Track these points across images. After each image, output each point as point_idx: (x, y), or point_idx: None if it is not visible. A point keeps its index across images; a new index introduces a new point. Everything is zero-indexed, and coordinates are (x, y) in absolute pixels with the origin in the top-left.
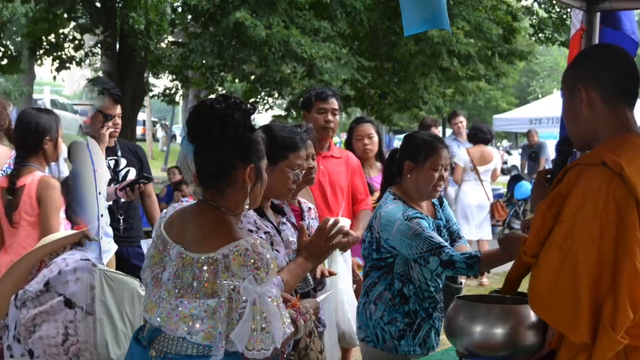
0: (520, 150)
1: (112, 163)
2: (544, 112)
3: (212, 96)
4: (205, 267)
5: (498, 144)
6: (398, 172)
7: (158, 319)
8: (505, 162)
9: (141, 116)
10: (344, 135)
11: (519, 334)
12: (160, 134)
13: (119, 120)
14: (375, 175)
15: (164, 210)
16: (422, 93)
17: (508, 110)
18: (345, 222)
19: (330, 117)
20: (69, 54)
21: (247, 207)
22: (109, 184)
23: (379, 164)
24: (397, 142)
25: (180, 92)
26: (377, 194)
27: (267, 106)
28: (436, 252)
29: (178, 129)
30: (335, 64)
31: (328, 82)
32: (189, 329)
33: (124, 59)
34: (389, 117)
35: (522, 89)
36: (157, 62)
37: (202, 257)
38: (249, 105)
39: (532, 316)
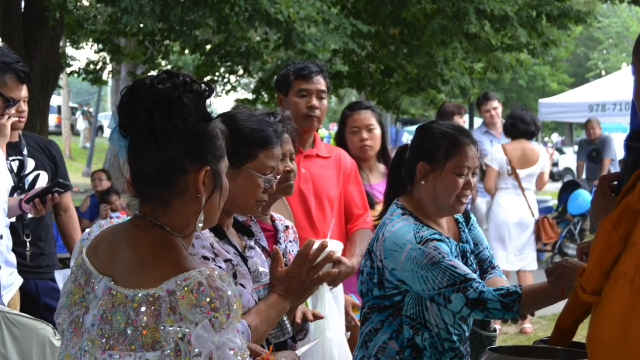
0: (576, 148)
1: (15, 165)
2: (608, 96)
3: (153, 73)
4: (143, 309)
5: (546, 139)
6: (409, 178)
7: None
8: (555, 164)
9: (55, 101)
10: (335, 127)
11: None
12: (81, 125)
13: (25, 107)
14: (378, 182)
15: (87, 231)
16: (442, 69)
17: (560, 93)
18: (336, 247)
19: (315, 101)
20: None
21: (201, 225)
22: (10, 194)
23: (382, 167)
24: (407, 137)
25: (109, 67)
26: (379, 208)
27: (228, 87)
28: (461, 287)
29: (106, 118)
30: (322, 29)
31: (312, 55)
32: None
33: (31, 23)
34: (395, 102)
35: (578, 64)
36: (77, 26)
37: (139, 295)
38: (203, 86)
39: None
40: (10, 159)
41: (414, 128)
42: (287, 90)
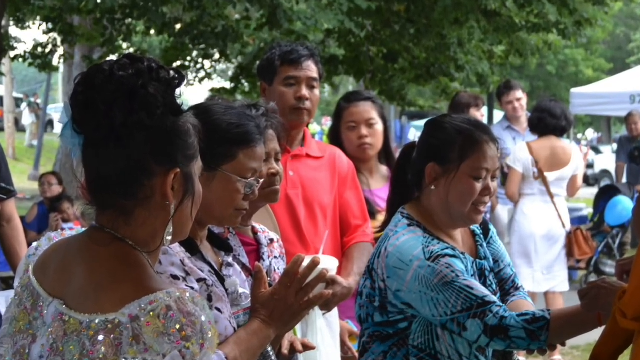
0: (615, 146)
1: None
2: None
3: (113, 58)
4: (100, 337)
5: (579, 136)
6: (416, 182)
7: None
8: (590, 165)
9: None
10: (328, 121)
11: None
12: (27, 119)
13: None
14: (379, 186)
15: (34, 244)
16: (455, 52)
17: (596, 81)
18: (329, 264)
19: (304, 91)
20: None
21: (169, 238)
22: None
23: (384, 169)
24: (413, 133)
25: (60, 50)
26: (381, 218)
27: (202, 74)
28: (478, 311)
29: (56, 111)
30: (312, 4)
31: (302, 35)
32: None
33: None
34: (400, 91)
35: (618, 46)
36: (22, 1)
37: (96, 321)
38: (172, 73)
39: None
40: None
41: (422, 122)
42: (271, 77)
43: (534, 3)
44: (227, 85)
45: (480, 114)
